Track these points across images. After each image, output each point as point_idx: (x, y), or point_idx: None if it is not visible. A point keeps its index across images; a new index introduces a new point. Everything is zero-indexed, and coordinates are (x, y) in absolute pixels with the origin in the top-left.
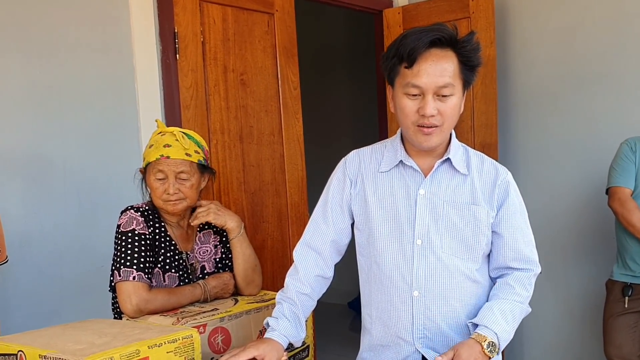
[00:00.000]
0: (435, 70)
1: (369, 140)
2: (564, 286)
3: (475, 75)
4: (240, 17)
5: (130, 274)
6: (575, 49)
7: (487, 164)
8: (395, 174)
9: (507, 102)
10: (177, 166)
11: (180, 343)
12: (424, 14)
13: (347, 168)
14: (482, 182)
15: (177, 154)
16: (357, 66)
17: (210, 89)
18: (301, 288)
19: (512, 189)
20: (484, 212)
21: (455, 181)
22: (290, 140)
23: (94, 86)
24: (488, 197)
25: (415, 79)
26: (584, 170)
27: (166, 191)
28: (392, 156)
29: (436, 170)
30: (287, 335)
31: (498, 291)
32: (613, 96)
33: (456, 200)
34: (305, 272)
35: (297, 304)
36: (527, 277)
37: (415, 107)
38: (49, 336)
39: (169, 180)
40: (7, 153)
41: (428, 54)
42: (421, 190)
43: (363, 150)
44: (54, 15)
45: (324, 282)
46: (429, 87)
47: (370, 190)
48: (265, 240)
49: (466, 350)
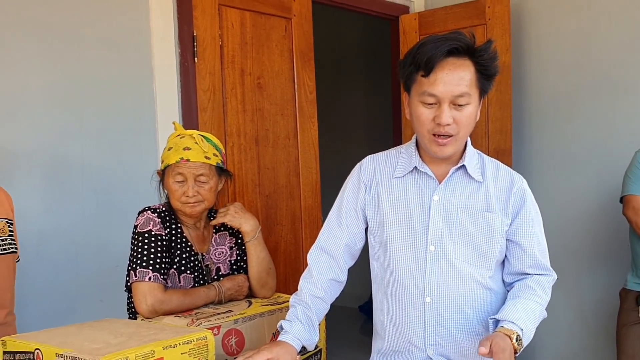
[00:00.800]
0: (452, 79)
1: (384, 145)
2: (577, 294)
3: (492, 83)
4: (258, 22)
5: (146, 275)
6: (590, 55)
7: (503, 171)
8: (409, 180)
9: (521, 108)
10: (197, 169)
11: (194, 344)
12: (440, 20)
13: (361, 173)
14: (497, 190)
15: (197, 157)
16: (372, 71)
17: (228, 92)
18: (315, 292)
19: (529, 197)
20: (498, 219)
21: (470, 188)
22: (305, 143)
23: (113, 87)
24: (503, 205)
25: (432, 88)
26: (599, 177)
27: (185, 193)
28: (406, 162)
29: (451, 176)
30: (300, 338)
31: (519, 292)
32: (628, 103)
33: (470, 207)
34: (319, 276)
35: (310, 307)
36: (547, 281)
37: (431, 116)
38: (65, 335)
39: (188, 182)
40: (26, 152)
41: (445, 62)
42: (435, 197)
43: (378, 155)
44: (75, 16)
45: (338, 286)
46: (445, 95)
47: (384, 195)
48: (278, 242)
49: (501, 340)
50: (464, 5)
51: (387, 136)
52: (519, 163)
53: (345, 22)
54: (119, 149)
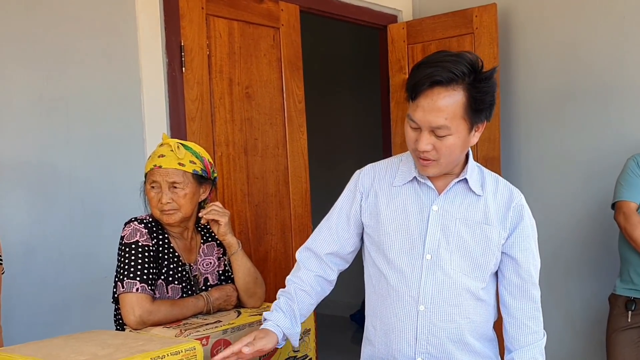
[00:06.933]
0: (431, 110)
1: (373, 153)
2: (566, 300)
3: (485, 116)
4: (246, 31)
5: (133, 286)
6: (578, 63)
7: (502, 185)
8: (409, 189)
9: (509, 116)
10: (169, 176)
11: (183, 355)
12: (428, 29)
13: (359, 181)
14: (496, 203)
15: (169, 164)
16: (362, 80)
17: (216, 101)
18: (300, 284)
19: (526, 213)
20: (495, 232)
21: (469, 200)
22: (295, 153)
23: (100, 97)
24: (501, 218)
25: (413, 114)
26: (587, 184)
27: (160, 201)
28: (406, 171)
29: (451, 188)
30: (280, 325)
31: (517, 335)
32: (616, 110)
33: (469, 218)
34: (306, 271)
35: (293, 298)
36: (536, 308)
37: (415, 138)
38: (52, 347)
39: (162, 189)
40: (13, 162)
41: (430, 91)
42: (434, 207)
43: (379, 164)
44: (61, 26)
45: (326, 284)
46: (423, 124)
47: (383, 203)
48: (268, 252)
49: None
50: (452, 14)
51: (377, 144)
52: (508, 170)
53: (333, 31)
54: (107, 160)
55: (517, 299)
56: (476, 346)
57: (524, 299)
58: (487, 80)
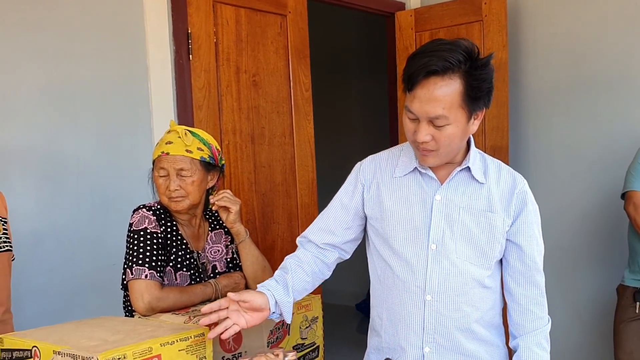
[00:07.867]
0: (428, 100)
1: (380, 142)
2: (573, 290)
3: (484, 104)
4: (253, 19)
5: (142, 272)
6: (587, 52)
7: (504, 172)
8: (411, 179)
9: (518, 105)
10: (177, 162)
11: (192, 341)
12: (436, 17)
13: (360, 173)
14: (500, 190)
15: (177, 151)
16: (369, 68)
17: (223, 89)
18: (297, 261)
19: (530, 199)
20: (500, 219)
21: (472, 188)
22: (301, 141)
23: (108, 86)
24: (505, 205)
25: (410, 105)
26: (596, 174)
27: (168, 188)
28: (407, 162)
29: (454, 177)
30: (270, 289)
31: (522, 321)
32: (625, 100)
33: (472, 206)
34: (305, 251)
35: (288, 270)
36: (540, 294)
37: (413, 129)
38: (63, 332)
39: (170, 177)
40: (21, 151)
41: (426, 82)
42: (437, 196)
43: (380, 155)
44: (69, 15)
45: (324, 267)
46: (421, 115)
47: (386, 194)
48: (275, 241)
49: None
50: (461, 1)
51: (384, 133)
52: (516, 160)
53: (341, 19)
54: (114, 148)
55: (521, 285)
56: (483, 334)
57: (528, 285)
58: (483, 68)
